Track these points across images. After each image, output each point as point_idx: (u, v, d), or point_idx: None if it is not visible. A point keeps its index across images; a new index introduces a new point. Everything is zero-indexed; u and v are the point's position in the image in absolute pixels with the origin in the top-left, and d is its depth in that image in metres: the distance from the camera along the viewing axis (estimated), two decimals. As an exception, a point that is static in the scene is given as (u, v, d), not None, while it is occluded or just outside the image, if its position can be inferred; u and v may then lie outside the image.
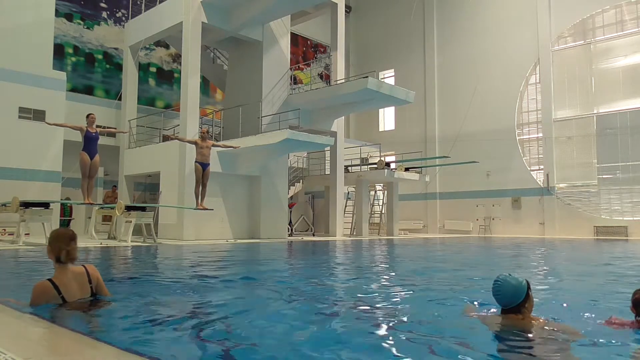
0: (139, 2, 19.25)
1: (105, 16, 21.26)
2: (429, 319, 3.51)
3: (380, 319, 3.54)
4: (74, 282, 3.38)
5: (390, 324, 3.31)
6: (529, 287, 2.96)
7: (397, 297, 4.66)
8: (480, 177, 25.70)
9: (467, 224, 26.19)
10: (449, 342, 2.77)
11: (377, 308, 3.95)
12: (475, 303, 3.85)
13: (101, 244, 11.80)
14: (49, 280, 3.32)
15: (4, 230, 13.85)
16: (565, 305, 4.17)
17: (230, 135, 16.92)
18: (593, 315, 3.50)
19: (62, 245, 3.33)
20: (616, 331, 2.96)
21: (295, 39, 26.55)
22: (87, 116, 11.47)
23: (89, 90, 20.28)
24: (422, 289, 5.25)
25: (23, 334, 2.71)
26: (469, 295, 4.38)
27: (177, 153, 15.49)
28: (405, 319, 3.55)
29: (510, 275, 3.00)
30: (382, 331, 3.10)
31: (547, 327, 2.96)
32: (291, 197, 20.94)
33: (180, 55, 17.18)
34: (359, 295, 4.74)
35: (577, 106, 23.69)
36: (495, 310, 3.27)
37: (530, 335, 2.83)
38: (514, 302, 2.91)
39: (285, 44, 18.72)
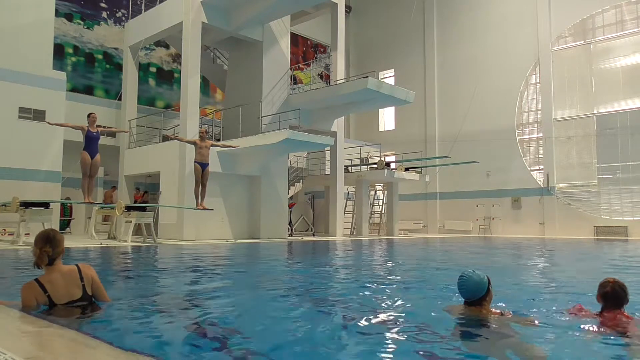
0: (139, 2, 19.25)
1: (105, 16, 21.27)
2: (416, 314, 3.63)
3: (371, 315, 3.55)
4: (62, 281, 3.28)
5: (381, 320, 3.33)
6: (489, 283, 3.26)
7: (390, 295, 4.66)
8: (480, 177, 25.70)
9: (467, 224, 26.19)
10: (418, 330, 3.07)
11: (372, 306, 3.96)
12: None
13: (101, 244, 11.81)
14: (36, 279, 3.26)
15: (4, 230, 13.85)
16: (538, 296, 4.56)
17: (230, 135, 16.93)
18: (562, 305, 3.77)
19: (36, 248, 3.24)
20: (577, 320, 3.23)
21: (295, 39, 26.56)
22: (88, 115, 11.45)
23: (89, 90, 20.29)
24: (416, 287, 5.26)
25: (23, 334, 2.71)
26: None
27: (177, 153, 15.49)
28: (393, 314, 3.57)
29: (474, 271, 3.26)
30: (372, 327, 3.14)
31: (502, 318, 3.28)
32: (291, 197, 20.93)
33: (180, 55, 17.18)
34: (356, 294, 4.75)
35: (577, 106, 23.70)
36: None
37: (488, 324, 3.14)
38: (477, 296, 3.21)
39: (285, 44, 18.72)
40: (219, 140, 16.60)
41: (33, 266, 3.27)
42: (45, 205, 12.02)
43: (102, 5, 21.23)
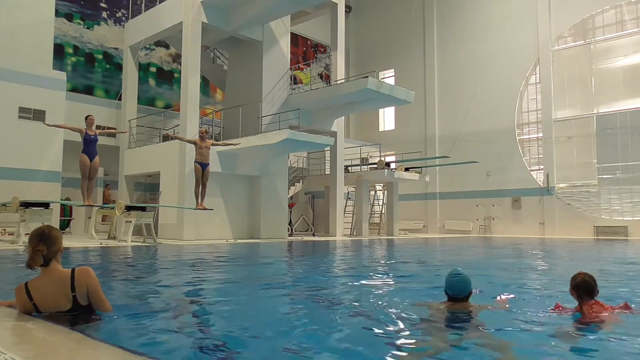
0: (139, 2, 19.25)
1: (105, 16, 21.27)
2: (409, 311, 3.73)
3: (370, 313, 3.56)
4: (51, 288, 2.96)
5: (379, 318, 3.34)
6: None
7: (384, 292, 4.67)
8: (480, 177, 25.70)
9: (467, 224, 26.19)
10: (418, 325, 3.26)
11: (370, 304, 3.96)
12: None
13: (101, 244, 11.80)
14: (26, 283, 2.99)
15: (4, 230, 13.85)
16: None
17: (230, 135, 16.93)
18: (545, 303, 4.01)
19: (29, 247, 2.95)
20: (555, 315, 3.46)
21: (295, 39, 26.55)
22: (86, 118, 11.46)
23: (89, 90, 20.29)
24: (412, 284, 5.28)
25: (23, 334, 2.71)
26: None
27: (177, 153, 15.49)
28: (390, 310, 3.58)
29: (462, 270, 3.48)
30: (372, 326, 3.14)
31: (484, 310, 3.53)
32: (291, 197, 20.93)
33: (180, 55, 17.18)
34: (355, 294, 4.75)
35: (577, 106, 23.69)
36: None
37: (476, 316, 3.37)
38: (467, 291, 3.42)
39: (285, 44, 18.72)
40: (218, 140, 16.59)
41: (26, 267, 2.96)
42: (45, 205, 12.03)
43: (102, 5, 21.22)
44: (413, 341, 2.87)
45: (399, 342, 2.83)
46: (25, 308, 2.98)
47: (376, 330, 3.12)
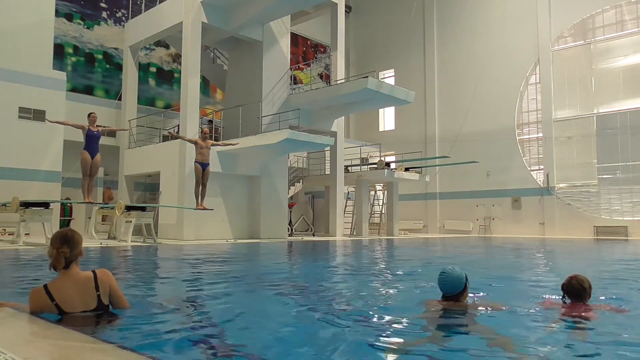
0: (139, 2, 19.25)
1: (105, 16, 21.26)
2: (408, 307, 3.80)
3: (366, 312, 3.56)
4: (74, 289, 3.03)
5: (363, 314, 3.35)
6: (467, 280, 3.50)
7: (377, 290, 4.67)
8: (480, 177, 25.70)
9: (467, 224, 26.19)
10: (394, 323, 3.35)
11: (367, 303, 3.96)
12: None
13: (101, 244, 11.80)
14: (45, 285, 3.02)
15: (4, 230, 13.85)
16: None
17: (230, 135, 16.93)
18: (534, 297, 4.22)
19: (52, 248, 3.00)
20: (544, 310, 3.61)
21: (295, 39, 26.55)
22: (89, 115, 11.48)
23: (89, 90, 20.28)
24: (407, 282, 5.28)
25: (24, 334, 2.71)
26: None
27: (177, 153, 15.49)
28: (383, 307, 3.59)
29: (454, 268, 3.51)
30: (369, 325, 3.15)
31: (474, 304, 3.63)
32: (291, 197, 20.93)
33: (180, 55, 17.19)
34: (353, 293, 4.75)
35: (577, 106, 23.70)
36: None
37: (462, 316, 3.42)
38: (455, 291, 3.44)
39: (285, 44, 18.72)
40: (218, 139, 16.59)
41: (49, 268, 3.03)
42: (45, 205, 12.01)
43: (102, 5, 21.21)
44: (404, 339, 2.91)
45: (392, 340, 2.87)
46: (42, 310, 2.98)
47: (372, 329, 3.15)
